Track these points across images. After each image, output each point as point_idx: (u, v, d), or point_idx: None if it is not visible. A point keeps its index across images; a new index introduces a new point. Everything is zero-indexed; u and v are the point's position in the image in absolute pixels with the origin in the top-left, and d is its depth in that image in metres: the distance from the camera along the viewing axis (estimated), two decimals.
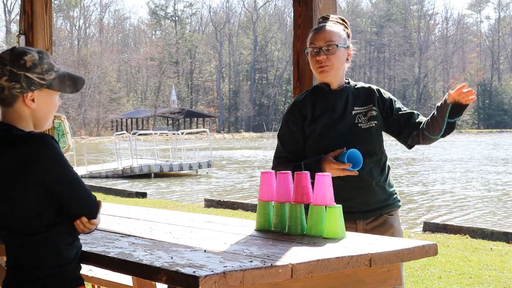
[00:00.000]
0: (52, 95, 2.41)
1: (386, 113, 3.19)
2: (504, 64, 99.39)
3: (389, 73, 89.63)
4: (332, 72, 3.15)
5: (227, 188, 18.76)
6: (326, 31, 3.16)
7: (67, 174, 2.33)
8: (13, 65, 2.33)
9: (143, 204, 12.60)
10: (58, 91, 2.41)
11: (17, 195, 2.32)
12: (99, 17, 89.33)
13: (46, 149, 2.29)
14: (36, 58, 2.36)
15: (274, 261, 2.21)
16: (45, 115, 2.41)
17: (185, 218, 3.33)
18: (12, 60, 2.34)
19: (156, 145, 25.60)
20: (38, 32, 5.79)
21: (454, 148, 40.18)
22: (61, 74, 2.42)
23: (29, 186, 2.30)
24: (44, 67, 2.37)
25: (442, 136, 3.11)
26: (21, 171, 2.29)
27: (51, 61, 2.40)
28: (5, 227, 2.39)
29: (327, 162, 3.02)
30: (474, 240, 8.56)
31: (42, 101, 2.39)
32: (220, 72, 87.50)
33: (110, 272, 3.10)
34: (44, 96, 2.39)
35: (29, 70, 2.34)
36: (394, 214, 3.24)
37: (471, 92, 2.94)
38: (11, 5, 76.57)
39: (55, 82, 2.39)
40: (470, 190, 17.31)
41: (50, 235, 2.35)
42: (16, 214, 2.34)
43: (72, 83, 2.44)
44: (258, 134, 72.45)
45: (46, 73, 2.37)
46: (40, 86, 2.36)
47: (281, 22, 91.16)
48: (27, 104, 2.36)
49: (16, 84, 2.33)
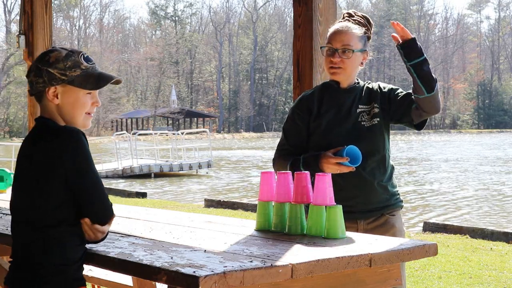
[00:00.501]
0: (77, 92, 2.45)
1: (388, 104, 3.16)
2: (504, 64, 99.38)
3: (389, 73, 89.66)
4: (344, 74, 3.15)
5: (227, 188, 18.76)
6: (346, 34, 3.13)
7: (89, 173, 2.37)
8: (39, 62, 2.45)
9: (143, 204, 12.59)
10: (79, 87, 2.44)
11: (42, 186, 2.36)
12: (99, 17, 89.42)
13: (75, 143, 2.34)
14: (61, 55, 2.44)
15: (274, 261, 2.21)
16: (70, 111, 2.45)
17: (185, 218, 3.33)
18: (40, 57, 2.46)
19: (156, 145, 25.61)
20: (38, 32, 5.79)
21: (454, 148, 40.18)
22: (89, 72, 2.46)
23: (55, 179, 2.34)
24: (68, 64, 2.43)
25: (429, 90, 3.00)
26: (50, 163, 2.34)
27: (79, 60, 2.45)
28: (21, 219, 2.43)
29: (326, 157, 3.01)
30: (474, 240, 8.56)
31: (67, 96, 2.44)
32: (220, 72, 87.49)
33: (110, 272, 3.10)
34: (68, 92, 2.44)
35: (51, 66, 2.42)
36: (396, 214, 3.22)
37: (395, 24, 2.99)
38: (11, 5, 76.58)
39: (78, 78, 2.44)
40: (470, 190, 17.31)
41: (62, 231, 2.37)
42: (36, 204, 2.37)
43: (95, 81, 2.47)
44: (258, 134, 72.44)
45: (69, 70, 2.43)
46: (61, 81, 2.42)
47: (281, 22, 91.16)
48: (49, 99, 2.44)
49: (39, 79, 2.43)
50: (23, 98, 63.05)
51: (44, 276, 2.36)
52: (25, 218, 2.41)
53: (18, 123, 68.65)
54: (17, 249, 2.45)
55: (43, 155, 2.36)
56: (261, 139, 61.87)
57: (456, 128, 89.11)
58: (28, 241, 2.40)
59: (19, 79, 65.14)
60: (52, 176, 2.34)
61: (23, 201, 2.42)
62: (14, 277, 2.42)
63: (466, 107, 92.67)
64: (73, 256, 2.40)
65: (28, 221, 2.40)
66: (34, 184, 2.37)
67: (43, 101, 2.46)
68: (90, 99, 2.48)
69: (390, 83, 11.56)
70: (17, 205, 2.46)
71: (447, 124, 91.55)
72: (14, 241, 2.49)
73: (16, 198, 2.46)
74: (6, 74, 66.60)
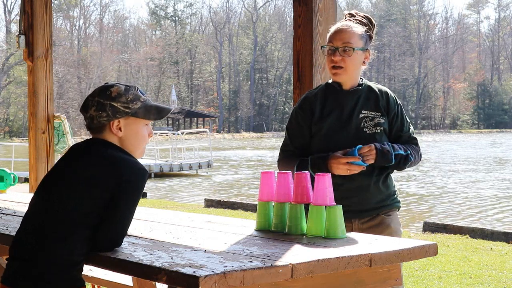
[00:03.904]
0: (139, 123, 2.56)
1: (390, 126, 3.20)
2: (504, 64, 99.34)
3: (389, 73, 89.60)
4: (346, 74, 3.13)
5: (227, 188, 18.76)
6: (347, 32, 3.13)
7: (128, 202, 2.45)
8: (100, 96, 2.53)
9: (143, 204, 12.58)
10: (142, 118, 2.55)
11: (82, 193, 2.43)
12: (99, 17, 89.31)
13: (140, 179, 2.46)
14: (121, 90, 2.53)
15: (274, 261, 2.21)
16: (133, 142, 2.56)
17: (185, 218, 3.33)
18: (100, 92, 2.55)
19: (156, 145, 25.60)
20: (38, 32, 5.80)
21: (454, 148, 40.17)
22: (148, 104, 2.57)
23: (99, 193, 2.42)
24: (129, 97, 2.53)
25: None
26: (104, 180, 2.42)
27: (137, 93, 2.56)
28: (36, 219, 2.46)
29: (335, 157, 3.01)
30: (474, 240, 8.56)
31: (129, 129, 2.55)
32: (220, 72, 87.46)
33: (110, 272, 3.10)
34: (130, 124, 2.55)
35: (114, 100, 2.51)
36: (392, 214, 3.21)
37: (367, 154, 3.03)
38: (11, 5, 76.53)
39: (141, 110, 2.55)
40: (470, 190, 17.31)
41: (78, 235, 2.40)
42: (65, 208, 2.42)
43: (157, 111, 2.59)
44: (258, 134, 72.43)
45: (131, 103, 2.53)
46: (125, 114, 2.52)
47: (281, 22, 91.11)
48: (113, 131, 2.53)
49: (103, 113, 2.51)
50: (23, 98, 63.01)
51: (46, 276, 2.36)
52: (41, 220, 2.44)
53: (18, 123, 68.61)
54: (16, 248, 2.45)
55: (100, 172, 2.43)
56: (261, 139, 61.86)
57: (456, 128, 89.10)
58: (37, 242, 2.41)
59: (19, 79, 65.11)
60: (98, 190, 2.41)
61: (51, 203, 2.46)
62: (15, 276, 2.42)
63: (466, 107, 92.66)
64: (78, 258, 2.42)
65: (45, 223, 2.43)
66: (74, 189, 2.44)
67: (104, 134, 2.54)
68: (147, 130, 2.60)
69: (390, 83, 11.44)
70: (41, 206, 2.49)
71: (447, 124, 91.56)
72: (17, 239, 2.49)
73: (56, 197, 2.48)
74: (6, 74, 66.54)
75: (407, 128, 3.23)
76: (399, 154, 3.10)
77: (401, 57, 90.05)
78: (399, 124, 3.21)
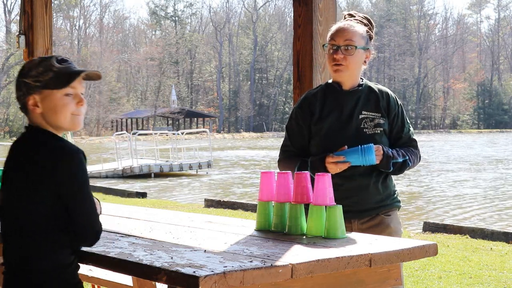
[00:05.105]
0: (55, 94, 2.39)
1: (390, 127, 3.20)
2: (504, 64, 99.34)
3: (389, 73, 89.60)
4: (347, 72, 3.14)
5: (227, 188, 18.76)
6: (348, 30, 3.13)
7: (82, 194, 2.35)
8: (18, 75, 2.43)
9: (143, 204, 12.59)
10: (52, 89, 2.39)
11: (33, 197, 2.34)
12: (99, 17, 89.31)
13: (75, 166, 2.31)
14: (34, 63, 2.41)
15: (274, 261, 2.21)
16: (53, 116, 2.40)
17: (185, 218, 3.33)
18: (19, 70, 2.44)
19: (156, 145, 25.59)
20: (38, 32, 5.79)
21: (454, 148, 40.16)
22: (62, 72, 2.40)
23: (47, 192, 2.32)
24: (40, 70, 2.39)
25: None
26: (43, 179, 2.32)
27: (51, 63, 2.40)
28: (11, 224, 2.41)
29: (327, 157, 3.05)
30: (474, 240, 8.56)
31: (46, 103, 2.40)
32: (220, 72, 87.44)
33: (110, 272, 3.10)
34: (46, 98, 2.39)
35: (26, 76, 2.40)
36: (392, 214, 3.21)
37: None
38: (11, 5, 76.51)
39: (52, 81, 2.39)
40: (470, 190, 17.31)
41: (52, 236, 2.35)
42: (27, 211, 2.35)
43: (68, 76, 2.40)
44: (258, 134, 72.41)
45: (41, 75, 2.38)
46: (36, 88, 2.38)
47: (281, 22, 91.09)
48: (30, 109, 2.40)
49: (19, 92, 2.42)
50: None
51: (37, 281, 2.35)
52: (15, 224, 2.39)
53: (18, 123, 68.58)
54: (9, 254, 2.44)
55: (37, 170, 2.33)
56: (261, 139, 61.85)
57: (456, 128, 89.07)
58: (19, 246, 2.38)
59: None
60: (44, 189, 2.32)
61: (13, 207, 2.40)
62: (8, 283, 2.41)
63: (466, 107, 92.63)
64: (63, 260, 2.38)
65: (18, 227, 2.38)
66: (25, 193, 2.35)
67: (28, 113, 2.42)
68: (73, 99, 2.42)
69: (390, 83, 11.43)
70: (6, 210, 2.44)
71: (447, 124, 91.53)
72: (4, 246, 2.46)
73: (6, 203, 2.44)
74: (6, 74, 66.57)
75: (407, 129, 3.23)
76: (397, 163, 3.13)
77: (401, 57, 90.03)
78: (400, 125, 3.21)
